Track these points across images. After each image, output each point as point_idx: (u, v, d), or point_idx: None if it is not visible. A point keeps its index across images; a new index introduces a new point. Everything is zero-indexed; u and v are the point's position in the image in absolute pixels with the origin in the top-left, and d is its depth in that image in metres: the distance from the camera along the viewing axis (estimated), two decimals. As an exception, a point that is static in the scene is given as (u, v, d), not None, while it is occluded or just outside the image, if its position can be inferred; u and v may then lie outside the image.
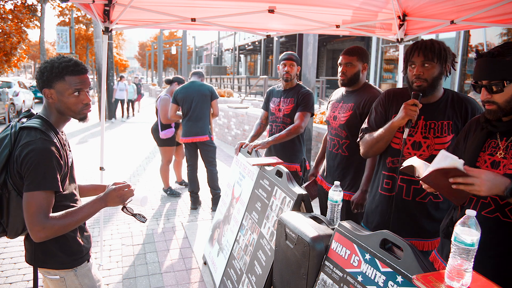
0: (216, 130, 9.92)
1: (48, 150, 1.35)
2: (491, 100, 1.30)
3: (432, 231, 1.79)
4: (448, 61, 1.70)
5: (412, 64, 1.70)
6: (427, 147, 1.72)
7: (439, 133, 1.71)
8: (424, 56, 1.66)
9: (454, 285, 1.01)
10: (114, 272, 3.07)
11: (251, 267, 2.15)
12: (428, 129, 1.73)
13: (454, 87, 10.21)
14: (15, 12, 14.46)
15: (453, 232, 1.01)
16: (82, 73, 1.46)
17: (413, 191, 1.76)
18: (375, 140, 1.82)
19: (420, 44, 1.68)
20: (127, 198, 1.52)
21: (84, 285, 1.55)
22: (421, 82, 1.68)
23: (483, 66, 1.29)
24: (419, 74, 1.67)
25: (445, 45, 1.71)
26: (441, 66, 1.68)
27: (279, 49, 21.31)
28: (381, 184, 1.88)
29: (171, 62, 43.68)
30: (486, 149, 1.37)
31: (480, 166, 1.38)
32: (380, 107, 1.93)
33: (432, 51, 1.65)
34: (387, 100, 1.91)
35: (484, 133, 1.39)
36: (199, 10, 3.20)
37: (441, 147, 1.69)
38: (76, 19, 26.13)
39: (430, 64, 1.66)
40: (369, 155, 1.95)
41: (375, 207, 1.92)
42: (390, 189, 1.83)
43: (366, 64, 2.42)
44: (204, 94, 4.34)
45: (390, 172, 1.82)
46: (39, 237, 1.32)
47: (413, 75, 1.69)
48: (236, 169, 2.98)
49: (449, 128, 1.71)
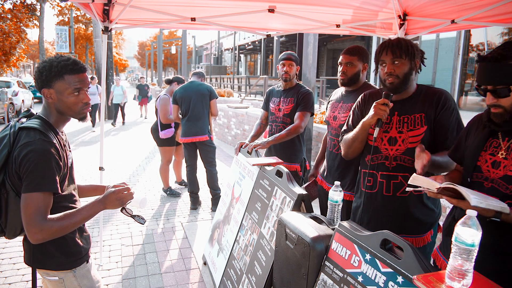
0: (216, 130, 9.91)
1: (47, 151, 1.33)
2: (497, 104, 1.29)
3: (418, 227, 1.81)
4: (417, 57, 1.75)
5: (383, 63, 1.75)
6: (402, 141, 1.75)
7: (412, 126, 1.74)
8: (392, 53, 1.71)
9: (455, 286, 1.01)
10: (113, 272, 3.06)
11: (251, 267, 2.14)
12: (402, 124, 1.77)
13: (454, 87, 10.21)
14: (14, 12, 14.45)
15: (454, 232, 1.00)
16: (81, 72, 1.45)
17: (393, 186, 1.78)
18: (351, 140, 1.88)
19: (387, 43, 1.74)
20: (126, 201, 1.50)
21: (83, 286, 1.54)
22: (393, 78, 1.72)
23: (487, 71, 1.29)
24: (390, 72, 1.72)
25: (412, 42, 1.76)
26: (410, 62, 1.73)
27: (279, 48, 21.31)
28: (363, 182, 1.92)
29: (171, 61, 43.70)
30: (488, 149, 1.37)
31: (481, 165, 1.37)
32: (357, 109, 1.99)
33: (399, 48, 1.70)
34: (363, 102, 1.97)
35: (486, 132, 1.39)
36: (199, 9, 3.19)
37: (415, 139, 1.72)
38: (76, 18, 26.13)
39: (399, 60, 1.71)
40: (349, 156, 1.99)
41: (359, 205, 1.95)
42: (371, 186, 1.86)
43: (367, 64, 2.43)
44: (203, 93, 4.33)
45: (370, 170, 1.85)
46: (37, 239, 1.31)
47: (385, 73, 1.74)
48: (236, 169, 2.97)
49: (421, 120, 1.73)
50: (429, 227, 1.83)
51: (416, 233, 1.81)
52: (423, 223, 1.81)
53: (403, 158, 1.75)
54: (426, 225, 1.82)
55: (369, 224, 1.85)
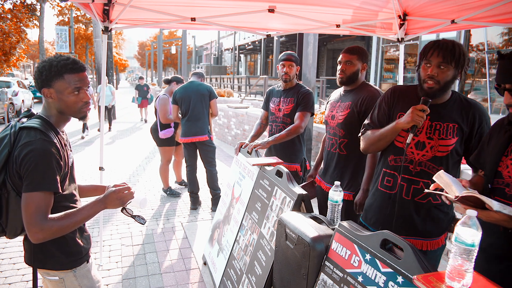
0: (216, 130, 9.91)
1: (47, 150, 1.34)
2: None
3: (431, 231, 1.77)
4: (464, 67, 1.65)
5: (428, 63, 1.63)
6: (431, 148, 1.69)
7: (444, 134, 1.68)
8: (443, 57, 1.59)
9: (455, 286, 1.01)
10: (113, 272, 3.06)
11: (251, 267, 2.14)
12: (433, 130, 1.70)
13: (454, 87, 10.21)
14: (14, 12, 14.45)
15: (454, 232, 1.00)
16: (81, 71, 1.45)
17: (413, 191, 1.75)
18: (377, 138, 1.80)
19: (441, 44, 1.61)
20: (127, 201, 1.51)
21: (83, 285, 1.54)
22: (433, 83, 1.62)
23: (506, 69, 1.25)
24: (433, 75, 1.61)
25: (464, 48, 1.66)
26: (456, 71, 1.62)
27: (279, 48, 21.31)
28: (381, 181, 1.86)
29: (171, 61, 43.70)
30: (509, 154, 1.33)
31: (502, 171, 1.34)
32: (384, 103, 1.88)
33: (452, 53, 1.59)
34: (392, 97, 1.86)
35: (507, 137, 1.35)
36: (199, 9, 3.19)
37: (445, 149, 1.67)
38: (76, 18, 26.13)
39: (447, 66, 1.60)
40: (369, 151, 1.93)
41: (373, 202, 1.91)
42: (390, 187, 1.81)
43: (366, 64, 2.41)
44: (203, 93, 4.33)
45: (392, 170, 1.79)
46: (37, 238, 1.31)
47: (427, 75, 1.63)
48: (236, 169, 2.97)
49: (454, 131, 1.67)
50: (443, 230, 1.80)
51: (429, 236, 1.77)
52: (437, 226, 1.77)
53: (428, 165, 1.69)
54: (440, 228, 1.78)
55: (383, 224, 1.80)
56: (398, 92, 1.86)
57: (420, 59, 1.70)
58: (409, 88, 1.85)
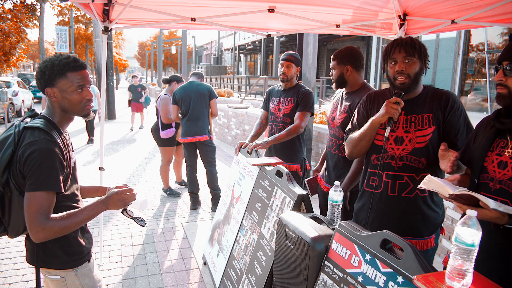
0: (216, 130, 9.91)
1: (51, 150, 1.34)
2: (504, 83, 1.28)
3: (422, 229, 1.78)
4: (426, 58, 1.72)
5: (393, 61, 1.71)
6: (409, 141, 1.73)
7: (420, 126, 1.72)
8: (405, 51, 1.67)
9: (455, 286, 1.01)
10: (113, 272, 3.06)
11: (251, 267, 2.14)
12: (409, 123, 1.74)
13: (454, 87, 10.21)
14: (14, 12, 14.44)
15: (454, 232, 1.00)
16: (83, 69, 1.46)
17: (399, 187, 1.76)
18: (358, 139, 1.84)
19: (400, 41, 1.70)
20: (129, 202, 1.52)
21: (84, 285, 1.55)
22: (404, 77, 1.68)
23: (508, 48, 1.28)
24: (401, 70, 1.68)
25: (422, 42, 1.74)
26: (421, 62, 1.70)
27: (279, 48, 21.31)
28: (367, 181, 1.88)
29: (171, 61, 43.67)
30: (495, 149, 1.35)
31: (487, 166, 1.35)
32: (362, 108, 1.95)
33: (413, 47, 1.67)
34: (368, 101, 1.94)
35: (493, 132, 1.36)
36: (199, 9, 3.19)
37: (423, 139, 1.70)
38: (76, 18, 26.11)
39: (412, 59, 1.67)
40: (353, 155, 1.95)
41: (362, 205, 1.93)
42: (376, 186, 1.83)
43: (349, 66, 2.37)
44: (203, 93, 4.33)
45: (375, 169, 1.82)
46: (39, 238, 1.31)
47: (395, 71, 1.70)
48: (236, 169, 2.97)
49: (429, 121, 1.71)
50: (433, 229, 1.81)
51: (420, 235, 1.78)
52: (428, 225, 1.78)
53: (409, 158, 1.72)
54: (430, 227, 1.79)
55: (372, 224, 1.82)
56: (373, 95, 1.94)
57: (384, 61, 1.76)
58: (384, 91, 1.92)
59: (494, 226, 1.23)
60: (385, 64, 1.76)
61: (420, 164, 1.72)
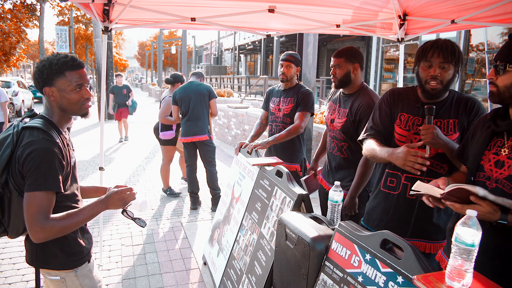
0: (216, 130, 9.91)
1: (50, 150, 1.34)
2: (494, 81, 1.29)
3: (436, 233, 1.77)
4: (461, 65, 1.68)
5: (428, 64, 1.64)
6: None
7: (445, 131, 1.68)
8: (443, 57, 1.60)
9: (455, 286, 1.01)
10: (113, 272, 3.06)
11: (251, 267, 2.14)
12: None
13: (454, 87, 10.20)
14: (14, 12, 14.45)
15: (454, 232, 1.00)
16: (81, 68, 1.46)
17: None
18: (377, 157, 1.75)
19: (440, 44, 1.62)
20: (128, 202, 1.51)
21: (84, 285, 1.55)
22: (437, 83, 1.63)
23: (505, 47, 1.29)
24: (436, 75, 1.62)
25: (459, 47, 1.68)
26: (455, 69, 1.64)
27: (279, 48, 21.31)
28: (384, 182, 1.85)
29: (171, 61, 43.69)
30: (492, 148, 1.35)
31: (484, 164, 1.35)
32: (384, 105, 1.87)
33: (452, 53, 1.61)
34: (392, 98, 1.86)
35: (490, 131, 1.37)
36: (199, 9, 3.19)
37: None
38: (76, 18, 26.12)
39: (448, 66, 1.62)
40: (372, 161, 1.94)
41: (376, 205, 1.90)
42: (393, 188, 1.79)
43: (358, 64, 2.34)
44: (202, 93, 4.34)
45: (395, 170, 1.78)
46: (38, 238, 1.31)
47: (429, 75, 1.63)
48: (236, 169, 2.97)
49: (455, 126, 1.69)
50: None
51: (435, 239, 1.76)
52: (442, 229, 1.76)
53: (432, 163, 1.68)
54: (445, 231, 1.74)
55: (387, 225, 1.77)
56: (397, 93, 1.87)
57: (418, 60, 1.69)
58: (407, 90, 1.85)
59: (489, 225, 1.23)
60: (418, 64, 1.70)
61: (442, 169, 1.71)
